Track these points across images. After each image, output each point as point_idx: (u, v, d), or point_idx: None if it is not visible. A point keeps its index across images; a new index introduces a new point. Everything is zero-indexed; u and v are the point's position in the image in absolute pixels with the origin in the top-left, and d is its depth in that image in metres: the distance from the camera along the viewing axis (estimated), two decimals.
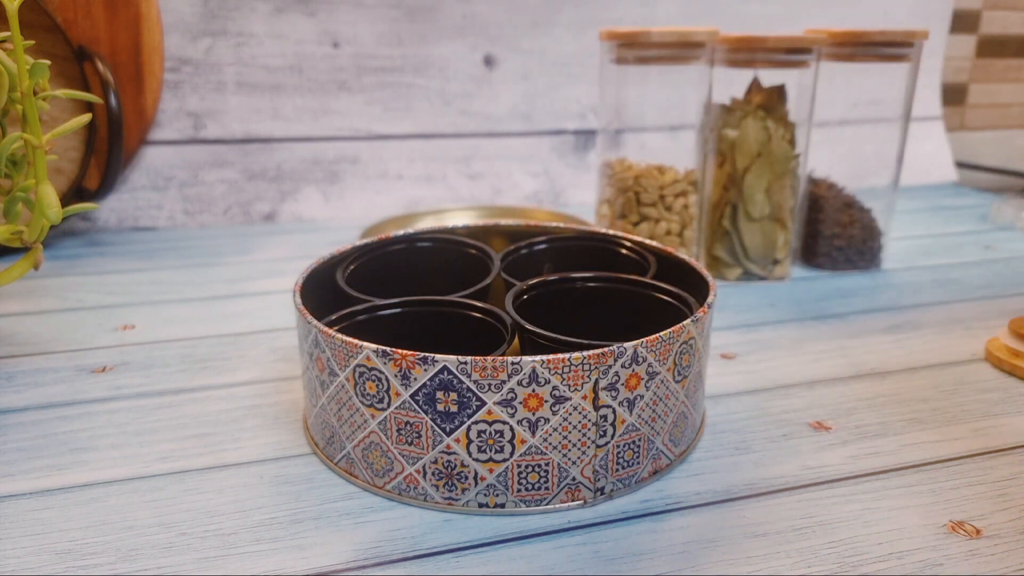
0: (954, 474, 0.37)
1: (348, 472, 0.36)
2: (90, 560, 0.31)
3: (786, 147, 0.61)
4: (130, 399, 0.44)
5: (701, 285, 0.41)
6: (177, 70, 0.82)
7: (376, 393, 0.33)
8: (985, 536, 0.32)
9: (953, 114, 1.14)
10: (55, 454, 0.38)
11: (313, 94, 0.86)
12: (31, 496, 0.35)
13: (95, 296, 0.61)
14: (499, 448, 0.32)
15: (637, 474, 0.35)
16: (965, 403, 0.44)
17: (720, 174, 0.62)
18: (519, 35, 0.91)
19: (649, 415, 0.34)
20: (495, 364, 0.31)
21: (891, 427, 0.41)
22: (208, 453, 0.39)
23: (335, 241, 0.75)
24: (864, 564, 0.30)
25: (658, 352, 0.33)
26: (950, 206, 0.91)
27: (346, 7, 0.85)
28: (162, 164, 0.82)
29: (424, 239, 0.49)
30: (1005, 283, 0.64)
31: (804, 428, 0.41)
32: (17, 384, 0.46)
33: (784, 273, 0.64)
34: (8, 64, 0.42)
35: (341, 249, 0.46)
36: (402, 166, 0.89)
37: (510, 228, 0.52)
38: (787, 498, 0.35)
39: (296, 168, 0.86)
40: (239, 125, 0.84)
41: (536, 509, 0.34)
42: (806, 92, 0.61)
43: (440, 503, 0.34)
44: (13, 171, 0.45)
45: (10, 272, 0.45)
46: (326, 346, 0.34)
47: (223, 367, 0.48)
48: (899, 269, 0.68)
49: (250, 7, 0.83)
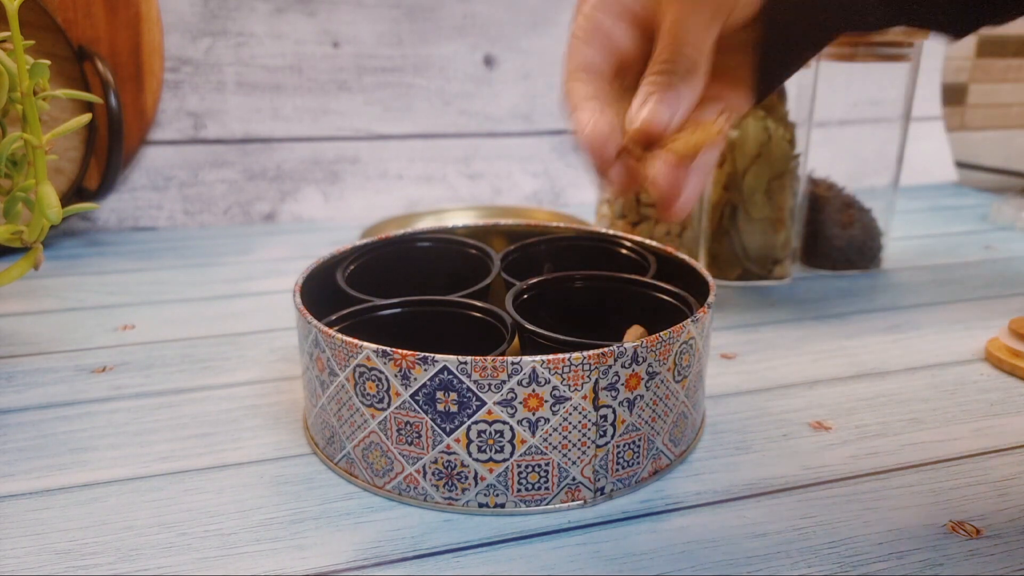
0: (954, 474, 0.37)
1: (348, 472, 0.36)
2: (90, 560, 0.31)
3: (786, 147, 0.61)
4: (130, 399, 0.44)
5: (701, 285, 0.41)
6: (177, 70, 0.82)
7: (376, 393, 0.33)
8: (985, 536, 0.32)
9: (953, 114, 1.14)
10: (55, 454, 0.38)
11: (313, 94, 0.86)
12: (31, 496, 0.35)
13: (95, 296, 0.61)
14: (499, 448, 0.32)
15: (637, 474, 0.35)
16: (965, 403, 0.44)
17: (720, 174, 0.62)
18: (519, 35, 0.91)
19: (649, 415, 0.34)
20: (495, 364, 0.31)
21: (891, 427, 0.41)
22: (208, 453, 0.39)
23: (335, 241, 0.75)
24: (864, 564, 0.30)
25: (658, 352, 0.33)
26: (950, 206, 0.91)
27: (346, 7, 0.85)
28: (162, 164, 0.82)
29: (424, 239, 0.49)
30: (1005, 283, 0.64)
31: (804, 428, 0.41)
32: (17, 384, 0.46)
33: (784, 273, 0.64)
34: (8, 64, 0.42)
35: (341, 249, 0.46)
36: (402, 166, 0.89)
37: (510, 228, 0.52)
38: (787, 498, 0.35)
39: (296, 168, 0.86)
40: (239, 125, 0.84)
41: (536, 509, 0.34)
42: (806, 92, 0.61)
43: (440, 503, 0.34)
44: (13, 171, 0.45)
45: (10, 272, 0.45)
46: (326, 346, 0.34)
47: (223, 367, 0.48)
48: (899, 269, 0.68)
49: (250, 7, 0.83)
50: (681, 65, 0.32)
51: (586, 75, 0.34)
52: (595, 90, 0.34)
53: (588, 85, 0.34)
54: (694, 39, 0.32)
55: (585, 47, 0.34)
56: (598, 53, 0.34)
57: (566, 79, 0.34)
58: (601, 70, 0.34)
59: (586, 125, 0.32)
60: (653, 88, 0.32)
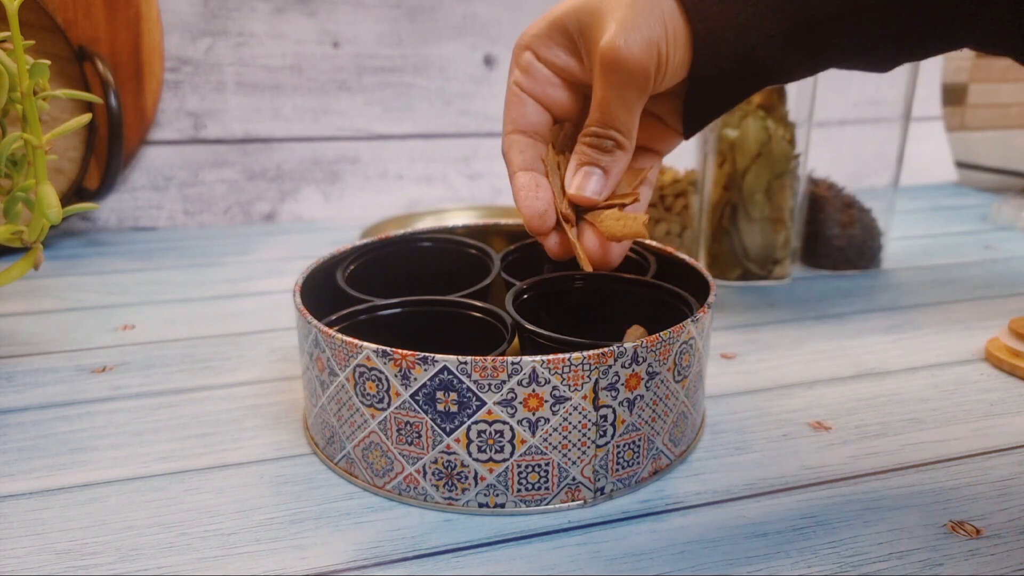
0: (954, 474, 0.37)
1: (348, 472, 0.36)
2: (90, 560, 0.31)
3: (786, 147, 0.61)
4: (130, 399, 0.44)
5: (701, 285, 0.41)
6: (177, 70, 0.82)
7: (376, 393, 0.33)
8: (985, 536, 0.32)
9: (953, 114, 1.14)
10: (55, 454, 0.38)
11: (313, 94, 0.86)
12: (31, 496, 0.35)
13: (95, 296, 0.61)
14: (499, 448, 0.32)
15: (637, 474, 0.35)
16: (965, 403, 0.44)
17: (720, 174, 0.62)
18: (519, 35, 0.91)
19: (649, 415, 0.34)
20: (495, 364, 0.31)
21: (891, 427, 0.41)
22: (208, 453, 0.39)
23: (335, 241, 0.75)
24: (864, 564, 0.30)
25: (658, 352, 0.33)
26: (950, 206, 0.91)
27: (346, 7, 0.85)
28: (162, 164, 0.82)
29: (424, 239, 0.49)
30: (1005, 283, 0.64)
31: (804, 428, 0.41)
32: (17, 384, 0.46)
33: (784, 273, 0.64)
34: (8, 64, 0.42)
35: (341, 249, 0.46)
36: (402, 166, 0.89)
37: (510, 228, 0.52)
38: (787, 498, 0.35)
39: (296, 168, 0.86)
40: (239, 125, 0.84)
41: (536, 509, 0.34)
42: (806, 92, 0.61)
43: (440, 503, 0.34)
44: (13, 171, 0.45)
45: (10, 272, 0.45)
46: (326, 346, 0.34)
47: (223, 367, 0.48)
48: (899, 269, 0.68)
49: (250, 7, 0.83)
50: (608, 142, 0.34)
51: (522, 138, 0.37)
52: (530, 158, 0.36)
53: (524, 153, 0.36)
54: (621, 120, 0.34)
55: (521, 105, 0.36)
56: (534, 111, 0.37)
57: (505, 134, 0.37)
58: (538, 128, 0.37)
59: (523, 201, 0.35)
60: (584, 159, 0.35)
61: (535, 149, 0.37)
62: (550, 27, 0.35)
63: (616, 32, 0.32)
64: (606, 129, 0.34)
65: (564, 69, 0.36)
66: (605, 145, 0.35)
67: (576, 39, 0.35)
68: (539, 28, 0.36)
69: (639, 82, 0.32)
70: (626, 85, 0.33)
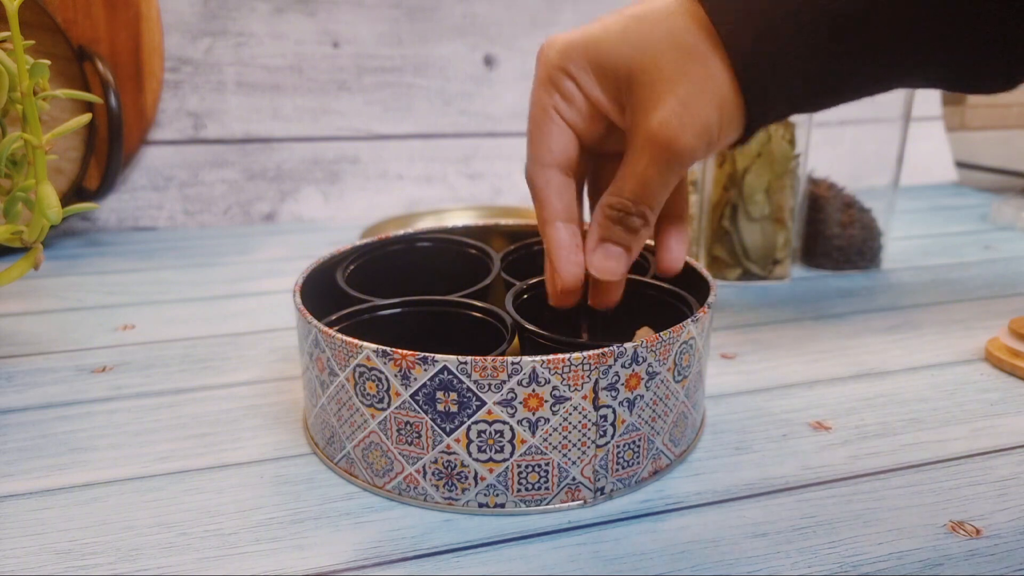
0: (954, 474, 0.37)
1: (348, 472, 0.36)
2: (90, 560, 0.31)
3: (786, 147, 0.61)
4: (130, 399, 0.44)
5: (701, 285, 0.41)
6: (177, 70, 0.82)
7: (376, 393, 0.33)
8: (985, 536, 0.32)
9: (953, 114, 1.14)
10: (55, 454, 0.38)
11: (313, 94, 0.86)
12: (31, 496, 0.35)
13: (95, 296, 0.61)
14: (499, 448, 0.32)
15: (637, 474, 0.35)
16: (965, 403, 0.44)
17: (720, 174, 0.62)
18: (519, 35, 0.91)
19: (649, 415, 0.34)
20: (495, 364, 0.31)
21: (891, 427, 0.41)
22: (208, 453, 0.39)
23: (335, 241, 0.75)
24: (864, 564, 0.30)
25: (658, 352, 0.33)
26: (950, 206, 0.91)
27: (346, 7, 0.85)
28: (162, 164, 0.82)
29: (424, 239, 0.49)
30: (1005, 283, 0.64)
31: (804, 428, 0.41)
32: (17, 384, 0.46)
33: (784, 273, 0.64)
34: (8, 64, 0.42)
35: (341, 249, 0.46)
36: (402, 166, 0.89)
37: (510, 228, 0.52)
38: (787, 498, 0.35)
39: (296, 168, 0.86)
40: (239, 125, 0.84)
41: (536, 509, 0.34)
42: None
43: (440, 503, 0.34)
44: (13, 171, 0.45)
45: (10, 272, 0.45)
46: (326, 346, 0.34)
47: (223, 367, 0.48)
48: (899, 269, 0.68)
49: (250, 7, 0.83)
50: (637, 220, 0.33)
51: (560, 178, 0.35)
52: (568, 203, 0.35)
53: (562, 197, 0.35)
54: (658, 198, 0.33)
55: (562, 136, 0.35)
56: (571, 145, 0.35)
57: (539, 165, 0.35)
58: (572, 163, 0.35)
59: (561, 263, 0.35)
60: (606, 234, 0.34)
61: (571, 191, 0.35)
62: (594, 63, 0.33)
63: (673, 112, 0.31)
64: (639, 205, 0.33)
65: (598, 104, 0.34)
66: (633, 224, 0.33)
67: (623, 91, 0.33)
68: (578, 54, 0.33)
69: (686, 164, 0.32)
70: (671, 165, 0.31)
